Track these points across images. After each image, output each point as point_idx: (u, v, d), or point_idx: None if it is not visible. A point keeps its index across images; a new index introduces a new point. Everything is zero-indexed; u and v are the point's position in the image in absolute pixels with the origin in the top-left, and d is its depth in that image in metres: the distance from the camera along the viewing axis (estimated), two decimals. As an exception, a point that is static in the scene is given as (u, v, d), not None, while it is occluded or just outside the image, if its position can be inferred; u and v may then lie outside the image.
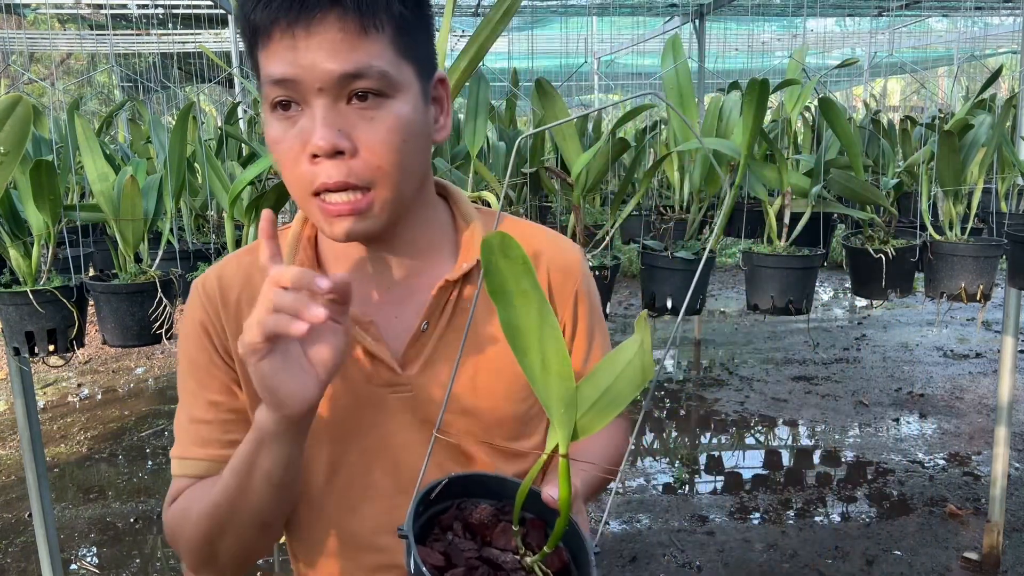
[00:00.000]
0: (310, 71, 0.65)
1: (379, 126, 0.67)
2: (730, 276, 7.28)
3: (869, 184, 2.20)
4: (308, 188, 0.68)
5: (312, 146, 0.66)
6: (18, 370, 1.99)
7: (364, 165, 0.67)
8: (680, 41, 2.20)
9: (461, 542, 0.58)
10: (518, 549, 0.58)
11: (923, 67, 8.55)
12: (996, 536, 2.60)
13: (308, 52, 0.64)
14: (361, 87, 0.66)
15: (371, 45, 0.65)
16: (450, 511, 0.61)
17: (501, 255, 0.48)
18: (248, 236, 1.87)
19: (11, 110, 1.57)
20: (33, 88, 6.33)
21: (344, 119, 0.66)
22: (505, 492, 0.63)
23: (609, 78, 7.81)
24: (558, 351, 0.51)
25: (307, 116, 0.67)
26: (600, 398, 0.52)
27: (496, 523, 0.60)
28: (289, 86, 0.66)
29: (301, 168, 0.68)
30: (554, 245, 0.86)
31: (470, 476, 0.63)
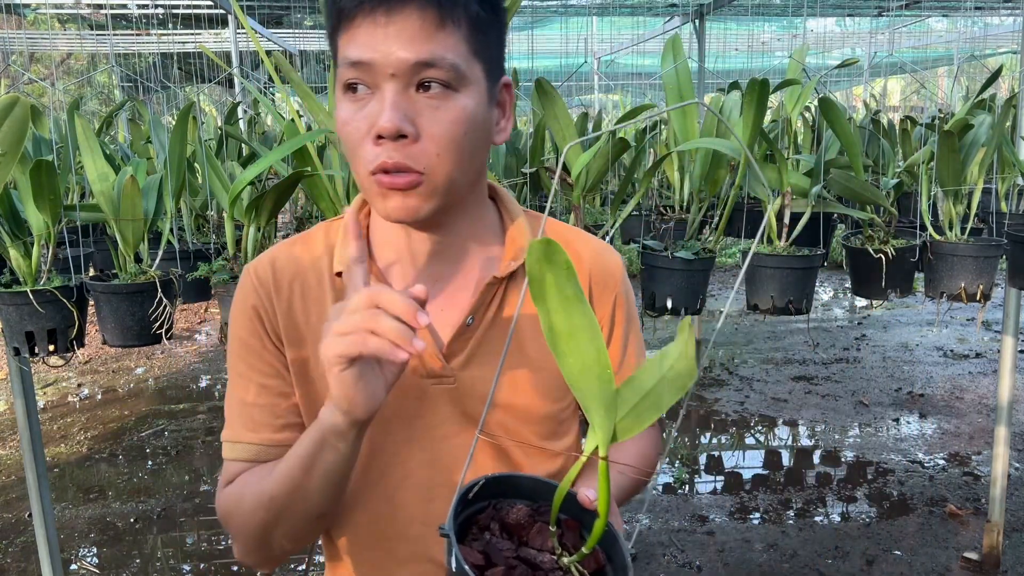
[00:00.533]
0: (385, 56, 0.67)
1: (443, 116, 0.70)
2: (730, 276, 7.28)
3: (869, 184, 2.20)
4: (369, 167, 0.71)
5: (378, 127, 0.68)
6: (18, 370, 1.99)
7: (423, 152, 0.70)
8: (680, 41, 2.20)
9: (499, 541, 0.59)
10: (554, 549, 0.59)
11: (923, 67, 8.55)
12: (996, 536, 2.60)
13: (386, 38, 0.67)
14: (431, 77, 0.68)
15: (446, 38, 0.68)
16: (487, 511, 0.62)
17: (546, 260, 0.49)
18: (248, 236, 1.87)
19: (9, 111, 1.57)
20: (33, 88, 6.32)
21: (411, 105, 0.69)
22: (539, 493, 0.64)
23: (609, 78, 7.81)
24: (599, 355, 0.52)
25: (376, 100, 0.69)
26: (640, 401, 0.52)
27: (532, 523, 0.60)
28: (363, 69, 0.69)
29: (365, 148, 0.70)
30: (596, 251, 0.88)
31: (506, 477, 0.63)
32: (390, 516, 0.82)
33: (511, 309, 0.81)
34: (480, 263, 0.82)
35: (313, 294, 0.81)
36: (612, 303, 0.87)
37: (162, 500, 3.23)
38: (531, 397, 0.82)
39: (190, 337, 5.68)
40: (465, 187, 0.76)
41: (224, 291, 1.80)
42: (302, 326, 0.81)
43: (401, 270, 0.81)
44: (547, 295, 0.51)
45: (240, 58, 4.25)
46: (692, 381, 0.51)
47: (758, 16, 5.55)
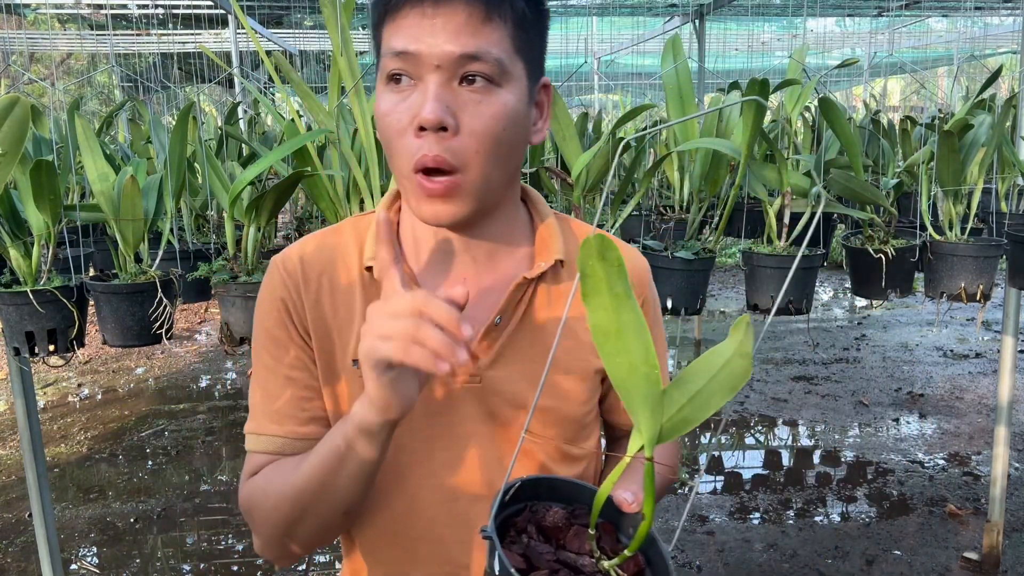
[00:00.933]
0: (431, 47, 0.68)
1: (484, 111, 0.70)
2: (730, 276, 7.29)
3: (869, 184, 2.20)
4: (410, 161, 0.71)
5: (420, 118, 0.68)
6: (18, 370, 2.00)
7: (462, 146, 0.70)
8: (680, 41, 2.20)
9: (537, 544, 0.59)
10: (592, 552, 0.59)
11: (923, 67, 8.55)
12: (996, 536, 2.60)
13: (433, 30, 0.68)
14: (475, 71, 0.69)
15: (492, 32, 0.69)
16: (523, 514, 0.61)
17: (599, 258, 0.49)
18: (248, 236, 1.87)
19: (9, 111, 1.57)
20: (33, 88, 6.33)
21: (454, 98, 0.69)
22: (573, 495, 0.64)
23: (609, 78, 7.81)
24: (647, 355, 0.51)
25: (419, 91, 0.70)
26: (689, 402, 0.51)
27: (568, 526, 0.60)
28: (408, 59, 0.69)
29: (406, 140, 0.70)
30: (624, 251, 0.88)
31: (540, 479, 0.63)
32: (410, 514, 0.81)
33: (539, 310, 0.81)
34: (510, 264, 0.82)
35: (341, 288, 0.81)
36: (641, 303, 0.87)
37: (162, 500, 3.23)
38: (559, 399, 0.81)
39: (190, 337, 5.68)
40: (501, 187, 0.77)
41: (224, 291, 1.80)
42: (329, 319, 0.81)
43: (431, 269, 0.81)
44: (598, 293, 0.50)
45: (240, 58, 4.25)
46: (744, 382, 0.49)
47: (758, 16, 5.55)
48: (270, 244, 2.39)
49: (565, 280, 0.83)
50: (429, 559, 0.82)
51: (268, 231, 2.41)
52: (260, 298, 0.83)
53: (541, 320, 0.81)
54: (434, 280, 0.81)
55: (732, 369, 0.49)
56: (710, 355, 0.50)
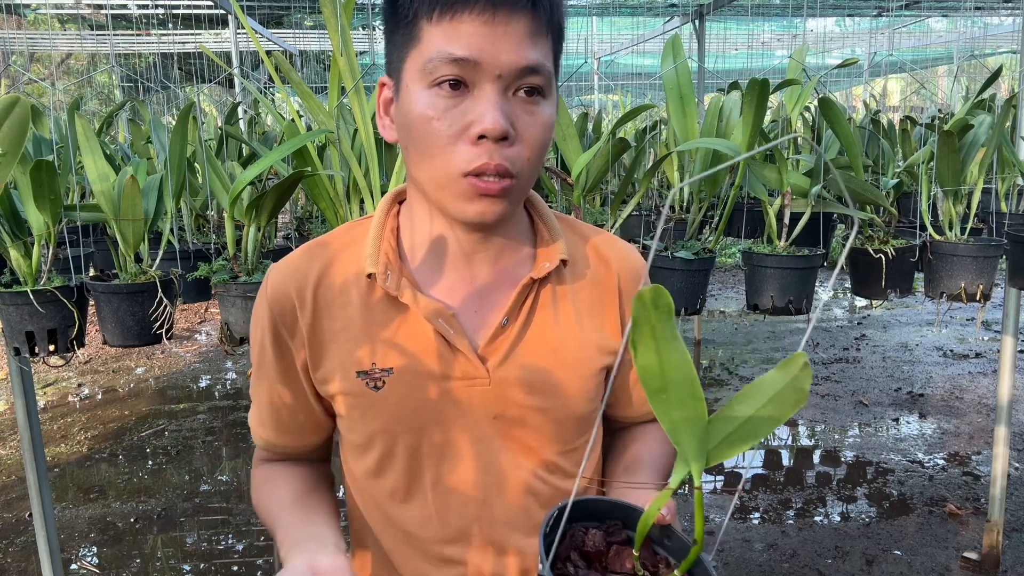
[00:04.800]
0: (494, 56, 0.68)
1: (537, 121, 0.72)
2: (730, 276, 7.29)
3: (869, 184, 2.20)
4: (461, 167, 0.70)
5: (483, 127, 0.68)
6: (18, 370, 1.99)
7: (519, 154, 0.71)
8: (680, 41, 2.20)
9: (586, 572, 0.59)
10: (636, 572, 0.60)
11: (923, 67, 8.55)
12: (996, 536, 2.60)
13: (498, 39, 0.67)
14: (530, 83, 0.70)
15: (543, 46, 0.71)
16: (564, 541, 0.61)
17: (652, 307, 0.51)
18: (248, 236, 1.87)
19: (9, 111, 1.57)
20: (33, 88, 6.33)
21: (511, 108, 0.70)
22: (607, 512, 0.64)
23: (609, 78, 7.81)
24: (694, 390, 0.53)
25: (473, 99, 0.69)
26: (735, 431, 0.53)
27: (608, 547, 0.61)
28: (466, 66, 0.68)
29: (459, 147, 0.70)
30: (623, 252, 0.90)
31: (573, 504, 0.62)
32: (424, 517, 0.82)
33: (545, 310, 0.82)
34: (513, 264, 0.82)
35: (337, 300, 0.81)
36: None
37: (162, 500, 3.23)
38: (567, 397, 0.82)
39: (190, 337, 5.68)
40: (529, 190, 0.79)
41: (224, 291, 1.80)
42: (327, 332, 0.81)
43: (434, 271, 0.81)
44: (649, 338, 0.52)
45: (240, 58, 4.25)
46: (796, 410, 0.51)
47: (758, 16, 5.55)
48: (270, 244, 2.39)
49: (568, 280, 0.83)
50: (444, 561, 0.82)
51: (268, 231, 2.41)
52: (257, 306, 0.85)
53: (546, 320, 0.81)
54: (436, 281, 0.80)
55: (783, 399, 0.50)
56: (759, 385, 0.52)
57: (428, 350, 0.78)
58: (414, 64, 0.70)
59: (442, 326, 0.78)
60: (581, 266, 0.85)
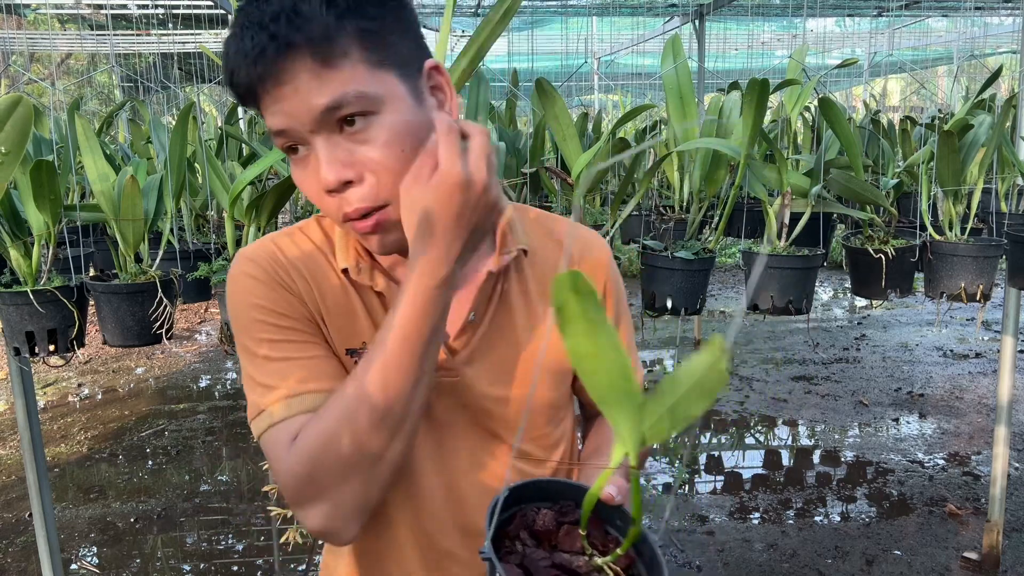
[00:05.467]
0: (295, 117, 0.68)
1: (375, 145, 0.69)
2: (730, 276, 7.29)
3: (869, 184, 2.20)
4: (337, 217, 0.73)
5: (322, 184, 0.70)
6: (18, 370, 2.00)
7: (373, 188, 0.70)
8: (680, 41, 2.20)
9: (532, 551, 0.60)
10: (584, 550, 0.61)
11: (923, 67, 8.55)
12: (996, 536, 2.60)
13: (287, 100, 0.68)
14: (345, 115, 0.68)
15: (339, 73, 0.67)
16: (515, 520, 0.62)
17: (573, 291, 0.52)
18: (248, 236, 1.87)
19: (12, 110, 1.57)
20: (33, 88, 6.33)
21: (343, 150, 0.69)
22: (560, 493, 0.65)
23: (609, 78, 7.81)
24: (624, 371, 0.54)
25: (314, 154, 0.71)
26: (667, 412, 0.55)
27: (558, 527, 0.62)
28: (288, 134, 0.70)
29: (325, 202, 0.72)
30: (586, 241, 0.91)
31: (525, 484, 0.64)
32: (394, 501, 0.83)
33: (508, 301, 0.83)
34: (475, 259, 0.83)
35: (323, 281, 0.80)
36: (603, 289, 0.90)
37: (162, 500, 3.23)
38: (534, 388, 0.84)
39: (190, 337, 5.68)
40: None
41: (224, 291, 1.80)
42: (319, 304, 0.80)
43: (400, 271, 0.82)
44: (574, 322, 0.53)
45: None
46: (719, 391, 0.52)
47: (758, 16, 5.55)
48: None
49: (529, 270, 0.85)
50: (415, 543, 0.84)
51: (268, 231, 2.41)
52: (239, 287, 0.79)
53: (511, 312, 0.83)
54: None
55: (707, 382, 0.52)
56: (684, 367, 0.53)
57: None
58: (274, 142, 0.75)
59: None
60: (543, 256, 0.87)
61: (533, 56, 4.04)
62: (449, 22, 1.36)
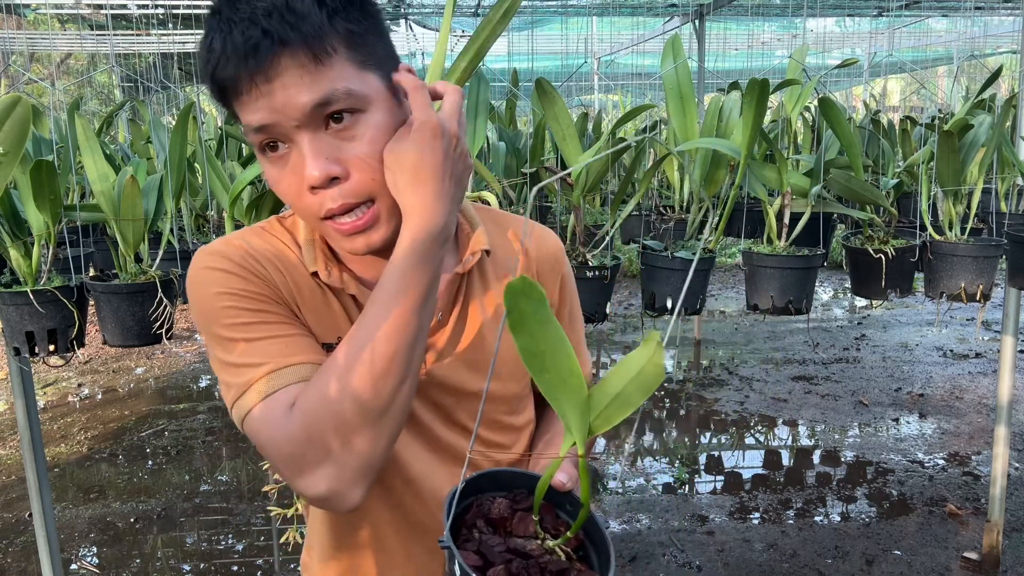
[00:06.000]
0: (282, 112, 0.68)
1: (361, 142, 0.71)
2: (730, 276, 7.29)
3: (869, 184, 2.20)
4: (317, 216, 0.73)
5: (308, 180, 0.70)
6: (18, 370, 2.00)
7: (358, 184, 0.71)
8: (680, 41, 2.20)
9: (488, 538, 0.63)
10: (537, 534, 0.65)
11: (923, 67, 8.55)
12: (996, 536, 2.60)
13: (275, 95, 0.68)
14: (333, 111, 0.69)
15: (329, 70, 0.68)
16: (471, 510, 0.66)
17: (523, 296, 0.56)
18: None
19: (10, 110, 1.57)
20: (33, 88, 6.33)
21: (328, 146, 0.70)
22: (515, 482, 0.69)
23: (609, 78, 7.81)
24: (571, 367, 0.58)
25: (296, 152, 0.71)
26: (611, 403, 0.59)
27: (513, 514, 0.65)
28: (270, 130, 0.70)
29: (305, 200, 0.72)
30: (539, 236, 0.94)
31: (480, 476, 0.68)
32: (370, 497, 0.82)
33: (474, 302, 0.86)
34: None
35: (298, 276, 0.80)
36: (558, 284, 0.94)
37: (162, 500, 3.23)
38: (496, 382, 0.87)
39: (190, 337, 5.68)
40: None
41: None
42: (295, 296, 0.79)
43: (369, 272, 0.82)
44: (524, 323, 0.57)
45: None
46: (658, 383, 0.57)
47: (758, 16, 5.55)
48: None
49: (491, 269, 0.87)
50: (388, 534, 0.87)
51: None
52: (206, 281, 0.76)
53: (476, 312, 0.86)
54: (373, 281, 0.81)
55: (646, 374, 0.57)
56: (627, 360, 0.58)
57: None
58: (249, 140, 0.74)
59: None
60: (502, 254, 0.89)
61: (533, 56, 4.04)
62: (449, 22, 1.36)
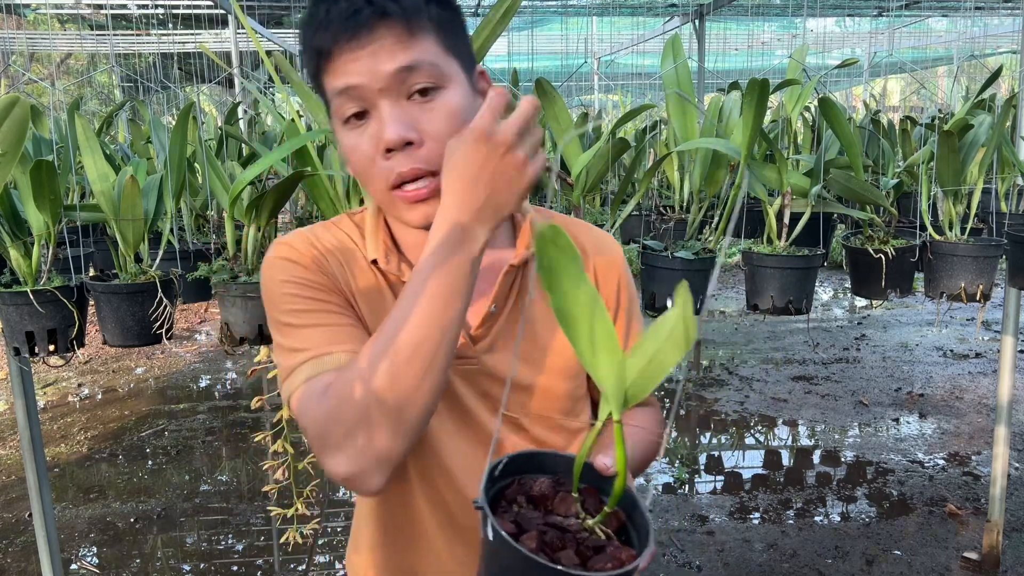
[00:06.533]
0: (370, 75, 0.73)
1: (438, 114, 0.74)
2: (730, 276, 7.29)
3: (869, 184, 2.20)
4: (387, 182, 0.76)
5: (384, 141, 0.73)
6: (18, 370, 2.00)
7: (430, 152, 0.74)
8: (680, 41, 2.20)
9: (527, 512, 0.63)
10: (578, 514, 0.64)
11: (923, 67, 8.55)
12: (996, 536, 2.60)
13: (367, 60, 0.73)
14: (417, 81, 0.74)
15: (419, 44, 0.74)
16: (512, 486, 0.66)
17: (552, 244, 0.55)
18: (248, 236, 1.87)
19: (8, 111, 1.57)
20: (33, 88, 6.33)
21: (408, 113, 0.74)
22: (559, 466, 0.69)
23: (609, 78, 7.81)
24: (606, 329, 0.57)
25: (375, 120, 0.75)
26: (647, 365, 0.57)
27: (555, 494, 0.65)
28: (354, 93, 0.74)
29: (378, 166, 0.76)
30: (598, 240, 0.95)
31: (527, 454, 0.69)
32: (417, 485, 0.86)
33: (526, 294, 0.88)
34: (496, 254, 0.87)
35: (356, 267, 0.85)
36: (616, 287, 0.94)
37: (162, 500, 3.23)
38: (548, 377, 0.87)
39: (190, 337, 5.68)
40: None
41: (224, 291, 1.80)
42: (354, 289, 0.84)
43: None
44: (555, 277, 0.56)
45: (240, 58, 4.25)
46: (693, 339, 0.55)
47: (758, 16, 5.55)
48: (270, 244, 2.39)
49: None
50: (435, 527, 0.88)
51: (268, 231, 2.40)
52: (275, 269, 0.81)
53: (531, 306, 0.88)
54: None
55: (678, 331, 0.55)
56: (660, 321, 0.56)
57: None
58: (331, 112, 0.78)
59: None
60: None
61: (533, 56, 4.04)
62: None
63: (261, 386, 4.41)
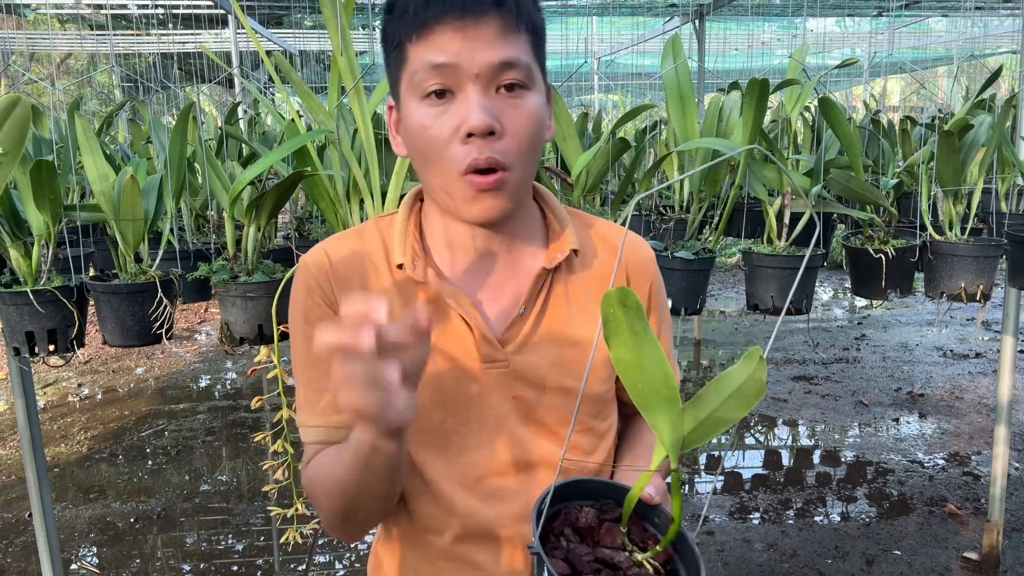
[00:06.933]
0: (470, 58, 0.73)
1: (522, 113, 0.76)
2: (730, 276, 7.29)
3: (869, 184, 2.20)
4: (458, 167, 0.75)
5: (469, 125, 0.73)
6: (18, 370, 2.00)
7: (508, 147, 0.75)
8: (680, 41, 2.20)
9: (576, 547, 0.63)
10: (625, 546, 0.65)
11: (923, 67, 8.55)
12: (996, 536, 2.60)
13: (471, 42, 0.73)
14: (509, 78, 0.74)
15: (519, 42, 0.75)
16: (559, 518, 0.66)
17: (620, 305, 0.56)
18: (248, 236, 1.87)
19: (10, 111, 1.57)
20: (33, 88, 6.33)
21: (494, 104, 0.74)
22: (600, 491, 0.69)
23: (609, 78, 7.80)
24: (666, 379, 0.58)
25: (459, 102, 0.74)
26: (706, 418, 0.58)
27: (600, 524, 0.66)
28: (447, 71, 0.73)
29: (452, 149, 0.75)
30: (632, 244, 0.96)
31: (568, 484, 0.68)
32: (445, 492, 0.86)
33: (558, 299, 0.87)
34: (527, 256, 0.88)
35: (372, 285, 0.86)
36: (648, 292, 0.95)
37: (162, 500, 3.23)
38: (579, 381, 0.86)
39: (190, 337, 5.68)
40: (529, 183, 0.83)
41: (224, 291, 1.80)
42: None
43: (455, 265, 0.86)
44: (620, 333, 0.57)
45: (240, 58, 4.25)
46: (759, 399, 0.56)
47: (758, 16, 5.55)
48: (270, 244, 2.39)
49: (579, 269, 0.89)
50: (463, 533, 0.86)
51: (268, 231, 2.40)
52: (293, 298, 0.87)
53: (560, 308, 0.87)
54: (464, 271, 0.86)
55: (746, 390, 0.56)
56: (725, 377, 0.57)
57: (454, 333, 0.84)
58: (406, 82, 0.77)
59: (466, 312, 0.83)
60: (591, 256, 0.91)
61: (533, 56, 4.02)
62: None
63: (261, 386, 4.41)
